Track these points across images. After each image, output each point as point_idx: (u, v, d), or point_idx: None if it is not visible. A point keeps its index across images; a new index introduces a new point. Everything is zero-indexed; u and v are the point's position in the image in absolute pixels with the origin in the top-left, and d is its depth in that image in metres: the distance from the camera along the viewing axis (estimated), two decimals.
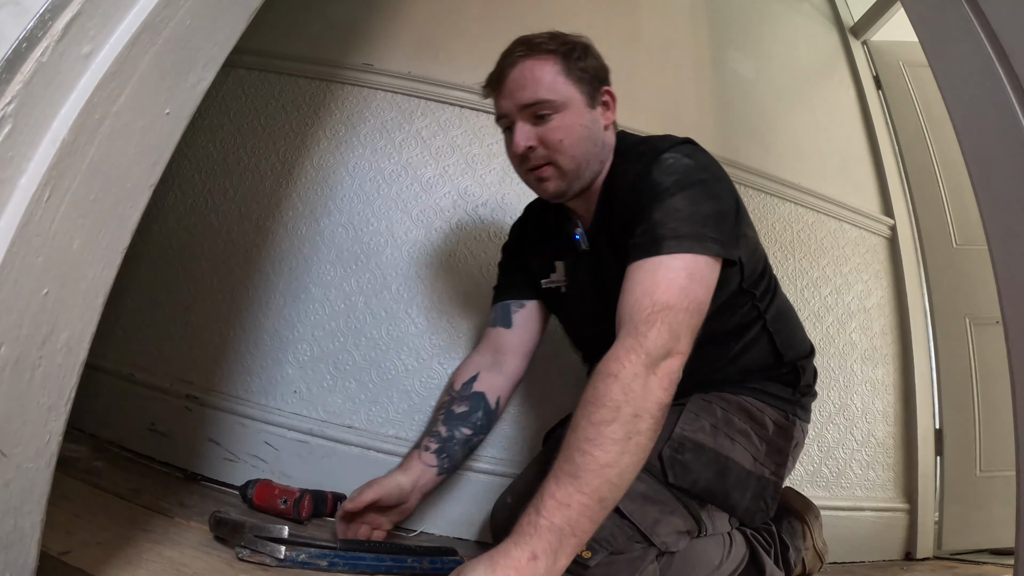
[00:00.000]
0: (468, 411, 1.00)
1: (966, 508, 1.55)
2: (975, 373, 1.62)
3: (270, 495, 1.03)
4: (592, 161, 0.89)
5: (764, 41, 1.77)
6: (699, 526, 0.86)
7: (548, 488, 0.64)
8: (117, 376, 1.27)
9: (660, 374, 0.68)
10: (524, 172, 0.91)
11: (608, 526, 0.78)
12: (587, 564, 0.77)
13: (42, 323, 0.50)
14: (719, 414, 0.91)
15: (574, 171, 0.87)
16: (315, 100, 1.43)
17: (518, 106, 0.86)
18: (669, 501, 0.83)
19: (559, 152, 0.86)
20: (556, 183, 0.88)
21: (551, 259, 1.02)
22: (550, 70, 0.86)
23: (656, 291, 0.72)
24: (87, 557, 0.64)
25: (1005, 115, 0.61)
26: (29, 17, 0.47)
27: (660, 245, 0.75)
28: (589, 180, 0.90)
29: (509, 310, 1.06)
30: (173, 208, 1.39)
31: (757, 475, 0.91)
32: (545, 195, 0.92)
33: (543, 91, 0.85)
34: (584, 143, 0.87)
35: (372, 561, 0.82)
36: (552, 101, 0.85)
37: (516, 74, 0.86)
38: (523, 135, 0.86)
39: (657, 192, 0.79)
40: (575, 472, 0.64)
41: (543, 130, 0.85)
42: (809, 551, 1.07)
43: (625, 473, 0.65)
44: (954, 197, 1.76)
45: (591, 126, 0.88)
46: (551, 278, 1.02)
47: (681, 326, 0.71)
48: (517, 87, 0.86)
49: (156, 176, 0.60)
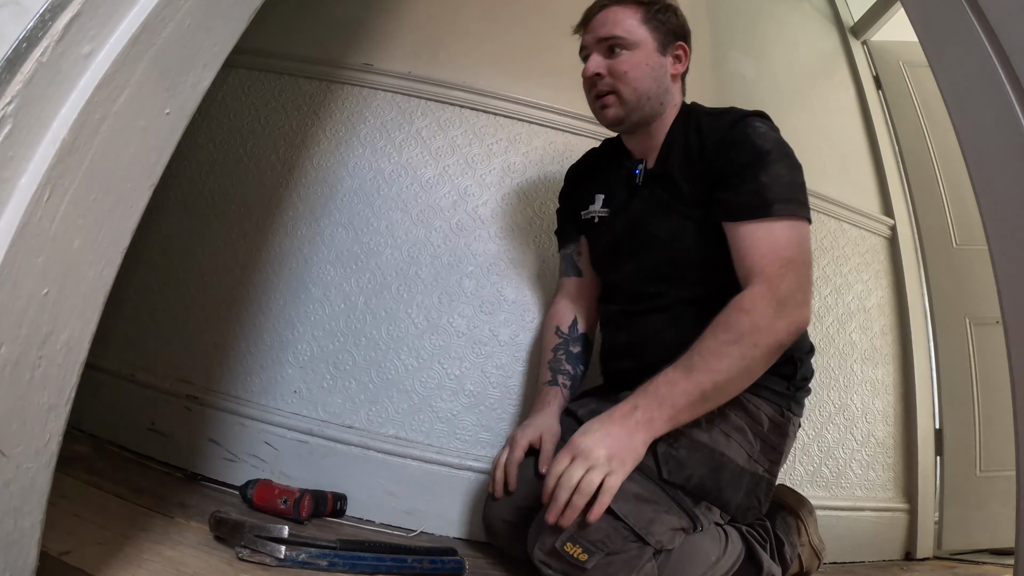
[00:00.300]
0: (582, 351, 1.14)
1: (966, 508, 1.55)
2: (975, 373, 1.62)
3: (270, 495, 1.03)
4: (652, 99, 1.00)
5: (764, 41, 1.77)
6: (694, 523, 0.86)
7: (664, 370, 0.82)
8: (117, 376, 1.27)
9: (788, 319, 0.82)
10: (592, 98, 1.03)
11: (603, 528, 0.78)
12: (584, 566, 0.77)
13: (42, 323, 0.50)
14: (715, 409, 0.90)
15: (634, 102, 0.99)
16: (315, 100, 1.43)
17: (595, 39, 1.00)
18: (663, 500, 0.83)
19: (622, 82, 0.98)
20: (615, 110, 1.00)
21: (593, 192, 1.13)
22: (628, 13, 0.99)
23: (779, 249, 0.85)
24: (87, 557, 0.64)
25: (1005, 115, 0.61)
26: (29, 17, 0.47)
27: (770, 207, 0.86)
28: (647, 116, 1.01)
29: (573, 260, 1.18)
30: (173, 208, 1.39)
31: (751, 472, 0.91)
32: (604, 120, 1.03)
33: (618, 29, 0.98)
34: (647, 80, 0.99)
35: (372, 561, 0.82)
36: (624, 39, 0.98)
37: (600, 16, 1.01)
38: (594, 63, 1.00)
39: (759, 154, 0.89)
40: (690, 367, 0.81)
41: (613, 62, 0.98)
42: (805, 547, 1.07)
43: (730, 384, 0.82)
44: (954, 197, 1.75)
45: (657, 69, 1.00)
46: (589, 209, 1.12)
47: (805, 278, 0.85)
48: (598, 24, 1.01)
49: (156, 176, 0.60)
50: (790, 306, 0.82)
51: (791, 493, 1.14)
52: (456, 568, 0.89)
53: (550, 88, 1.44)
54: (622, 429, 0.80)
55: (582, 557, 0.77)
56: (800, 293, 0.84)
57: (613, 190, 1.09)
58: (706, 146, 0.95)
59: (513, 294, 1.33)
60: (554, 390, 1.08)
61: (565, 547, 0.77)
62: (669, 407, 0.80)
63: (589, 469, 0.77)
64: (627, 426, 0.80)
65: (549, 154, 1.42)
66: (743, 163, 0.89)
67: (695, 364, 0.81)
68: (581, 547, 0.77)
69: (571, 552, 0.77)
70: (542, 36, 1.49)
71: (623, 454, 0.78)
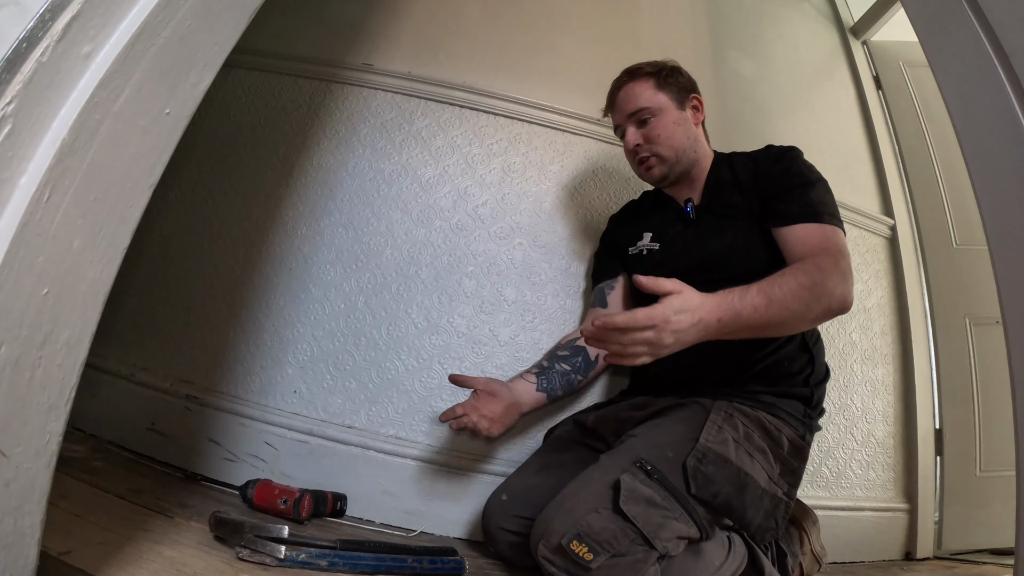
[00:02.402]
0: (569, 355, 1.17)
1: (966, 508, 1.55)
2: (975, 373, 1.62)
3: (270, 495, 1.03)
4: (687, 150, 1.13)
5: (764, 41, 1.77)
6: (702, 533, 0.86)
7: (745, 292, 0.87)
8: (117, 376, 1.27)
9: (844, 290, 0.91)
10: (636, 165, 1.16)
11: (611, 528, 0.78)
12: (589, 566, 0.77)
13: (42, 323, 0.50)
14: (741, 429, 0.92)
15: (673, 158, 1.12)
16: (315, 100, 1.43)
17: (626, 116, 1.14)
18: (674, 507, 0.83)
19: (658, 144, 1.11)
20: (659, 168, 1.13)
21: (641, 231, 1.21)
22: (645, 86, 1.13)
23: (830, 243, 0.96)
24: (87, 557, 0.64)
25: (1005, 115, 0.61)
26: (29, 17, 0.47)
27: (820, 216, 0.99)
28: (687, 166, 1.14)
29: (604, 292, 1.23)
30: (173, 208, 1.39)
31: (771, 494, 0.91)
32: (652, 180, 1.16)
33: (642, 101, 1.12)
34: (678, 136, 1.12)
35: (372, 561, 0.82)
36: (649, 108, 1.12)
37: (622, 95, 1.15)
38: (632, 136, 1.13)
39: (806, 179, 1.04)
40: (770, 294, 0.87)
41: (646, 131, 1.12)
42: (807, 556, 1.07)
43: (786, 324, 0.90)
44: (954, 197, 1.75)
45: (682, 123, 1.13)
46: (637, 245, 1.20)
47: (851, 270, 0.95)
48: (623, 102, 1.15)
49: (156, 176, 0.60)
50: (849, 281, 0.92)
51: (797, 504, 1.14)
52: (456, 568, 0.89)
53: (550, 88, 1.44)
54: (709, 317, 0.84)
55: (588, 556, 0.77)
56: (851, 278, 0.93)
57: (663, 227, 1.18)
58: (759, 168, 1.08)
59: (513, 294, 1.33)
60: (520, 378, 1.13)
61: (571, 545, 0.77)
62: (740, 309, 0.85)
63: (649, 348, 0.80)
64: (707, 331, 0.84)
65: (549, 154, 1.42)
66: (795, 183, 1.03)
67: (773, 294, 0.87)
68: (587, 546, 0.77)
69: (577, 551, 0.77)
70: (542, 36, 1.49)
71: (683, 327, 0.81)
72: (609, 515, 0.79)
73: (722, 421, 0.92)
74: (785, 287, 0.88)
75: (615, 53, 1.52)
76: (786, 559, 1.00)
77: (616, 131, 1.19)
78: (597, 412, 1.12)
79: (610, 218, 1.33)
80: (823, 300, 0.89)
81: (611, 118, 1.20)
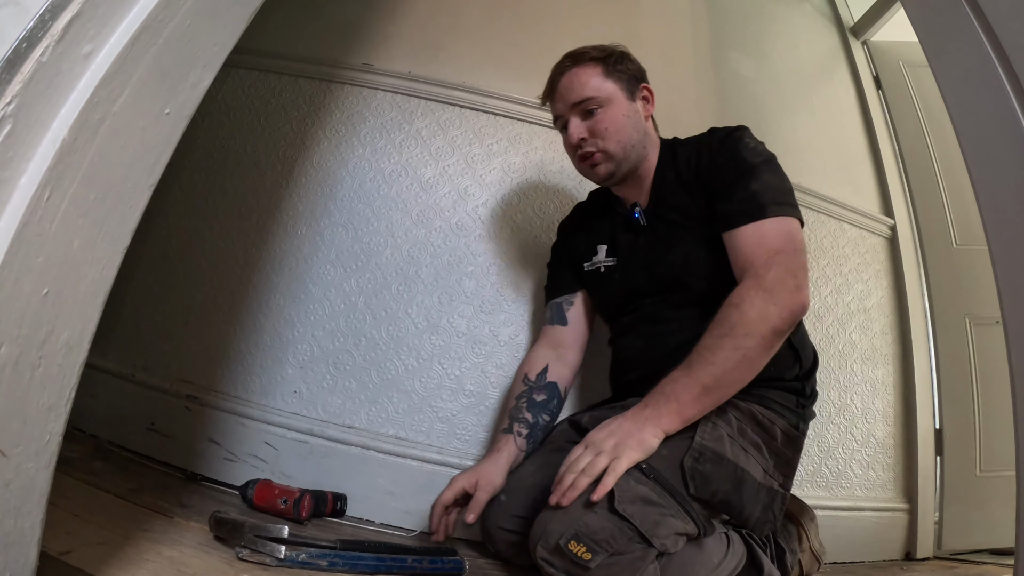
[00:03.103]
0: (547, 399, 1.11)
1: (966, 508, 1.55)
2: (975, 373, 1.62)
3: (270, 495, 1.03)
4: (636, 146, 1.03)
5: (764, 41, 1.77)
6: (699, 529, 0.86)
7: (670, 373, 0.86)
8: (117, 376, 1.27)
9: (780, 304, 0.85)
10: (579, 161, 1.06)
11: (608, 527, 0.78)
12: (588, 566, 0.77)
13: (42, 323, 0.50)
14: (734, 423, 0.91)
15: (621, 155, 1.02)
16: (315, 100, 1.43)
17: (569, 106, 1.02)
18: (670, 504, 0.83)
19: (606, 139, 1.01)
20: (605, 166, 1.03)
21: (594, 244, 1.13)
22: (592, 72, 1.01)
23: (766, 241, 0.89)
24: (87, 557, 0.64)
25: (1005, 115, 0.61)
26: (29, 17, 0.47)
27: (765, 209, 0.91)
28: (635, 163, 1.04)
29: (562, 308, 1.17)
30: (173, 208, 1.39)
31: (767, 487, 0.91)
32: (597, 178, 1.06)
33: (587, 90, 1.00)
34: (627, 130, 1.02)
35: (372, 561, 0.82)
36: (596, 98, 1.00)
37: (565, 81, 1.03)
38: (576, 128, 1.02)
39: (751, 168, 0.94)
40: (690, 364, 0.85)
41: (592, 123, 1.01)
42: (806, 553, 1.07)
43: (729, 375, 0.85)
44: (954, 197, 1.75)
45: (632, 116, 1.03)
46: (592, 260, 1.13)
47: (795, 265, 0.88)
48: (567, 90, 1.02)
49: (156, 176, 0.60)
50: (779, 292, 0.85)
51: (793, 500, 1.13)
52: (456, 568, 0.89)
53: None
54: (632, 423, 0.85)
55: (586, 556, 0.77)
56: (790, 279, 0.86)
57: (615, 238, 1.10)
58: (701, 162, 0.99)
59: (513, 294, 1.33)
60: (507, 438, 1.05)
61: (569, 545, 0.77)
62: (675, 402, 0.85)
63: (597, 455, 0.82)
64: (637, 421, 0.85)
65: (549, 154, 1.42)
66: (736, 175, 0.94)
67: (693, 361, 0.85)
68: (585, 546, 0.77)
69: (575, 550, 0.77)
70: (542, 36, 1.49)
71: (630, 442, 0.83)
72: (606, 514, 0.79)
73: (716, 416, 0.91)
74: (702, 348, 0.85)
75: None
76: (785, 556, 1.00)
77: (556, 122, 1.07)
78: (591, 412, 1.11)
79: (559, 226, 1.25)
80: (754, 332, 0.84)
81: (550, 107, 1.08)
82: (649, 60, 1.13)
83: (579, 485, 0.80)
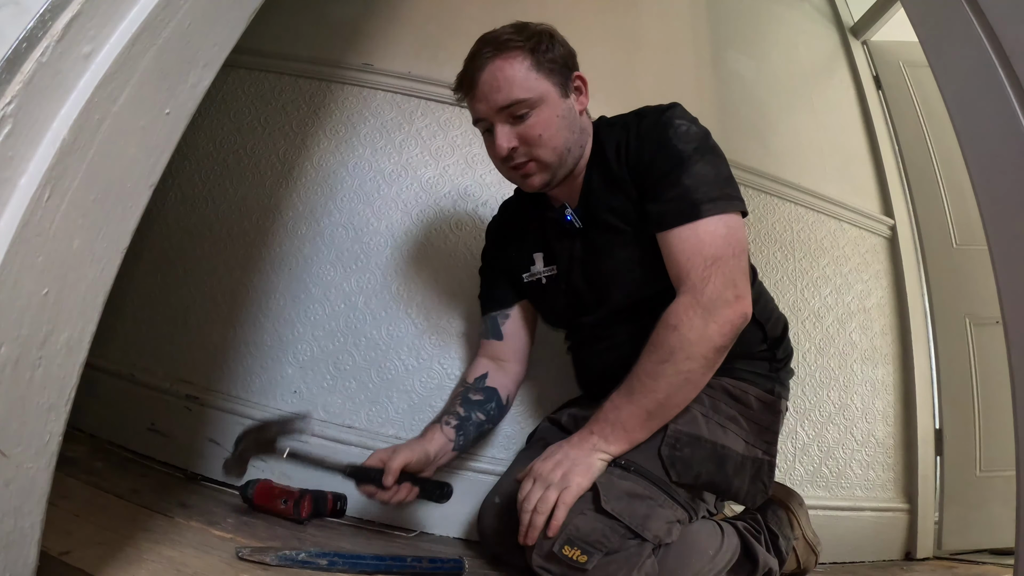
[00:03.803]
0: (483, 400, 1.06)
1: (966, 508, 1.55)
2: (975, 373, 1.62)
3: (270, 495, 1.03)
4: (573, 148, 0.92)
5: (764, 41, 1.77)
6: (689, 513, 0.86)
7: (611, 396, 0.84)
8: (117, 376, 1.27)
9: (720, 322, 0.80)
10: (508, 170, 0.94)
11: (600, 528, 0.78)
12: (584, 567, 0.77)
13: (42, 323, 0.50)
14: (706, 402, 0.90)
15: (556, 162, 0.91)
16: (315, 100, 1.43)
17: (495, 109, 0.87)
18: (657, 494, 0.83)
19: (540, 147, 0.88)
20: (540, 176, 0.92)
21: (530, 252, 1.05)
22: (520, 67, 0.86)
23: (703, 248, 0.82)
24: (87, 557, 0.64)
25: (1005, 115, 0.61)
26: (29, 17, 0.47)
27: (698, 208, 0.82)
28: (572, 166, 0.94)
29: (497, 323, 1.10)
30: (173, 208, 1.38)
31: (752, 457, 0.91)
32: (530, 189, 0.95)
33: (517, 91, 0.86)
34: (563, 133, 0.90)
35: (372, 560, 0.82)
36: (527, 99, 0.86)
37: (487, 76, 0.86)
38: (504, 137, 0.87)
39: (682, 158, 0.85)
40: (631, 391, 0.83)
41: (522, 129, 0.87)
42: (800, 541, 1.07)
43: (672, 399, 0.83)
44: (954, 197, 1.75)
45: (567, 115, 0.90)
46: (531, 271, 1.05)
47: (734, 271, 0.82)
48: (491, 89, 0.86)
49: (156, 176, 0.60)
50: (719, 308, 0.80)
51: (780, 487, 1.14)
52: (456, 568, 0.89)
53: None
54: (579, 451, 0.83)
55: (581, 559, 0.77)
56: (729, 290, 0.81)
57: (551, 245, 1.02)
58: (629, 154, 0.89)
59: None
60: (434, 427, 1.00)
61: (563, 550, 0.77)
62: (621, 429, 0.83)
63: (546, 489, 0.80)
64: (583, 448, 0.84)
65: None
66: (665, 170, 0.85)
67: (634, 387, 0.83)
68: (579, 549, 0.77)
69: (570, 555, 0.77)
70: None
71: (577, 470, 0.81)
72: (593, 515, 0.79)
73: None
74: (642, 374, 0.82)
75: (615, 54, 1.52)
76: (779, 541, 1.00)
77: (478, 124, 0.92)
78: (569, 410, 1.10)
79: (488, 228, 1.16)
80: (695, 353, 0.80)
81: (468, 104, 0.92)
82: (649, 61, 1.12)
83: (537, 524, 0.79)
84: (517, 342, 1.11)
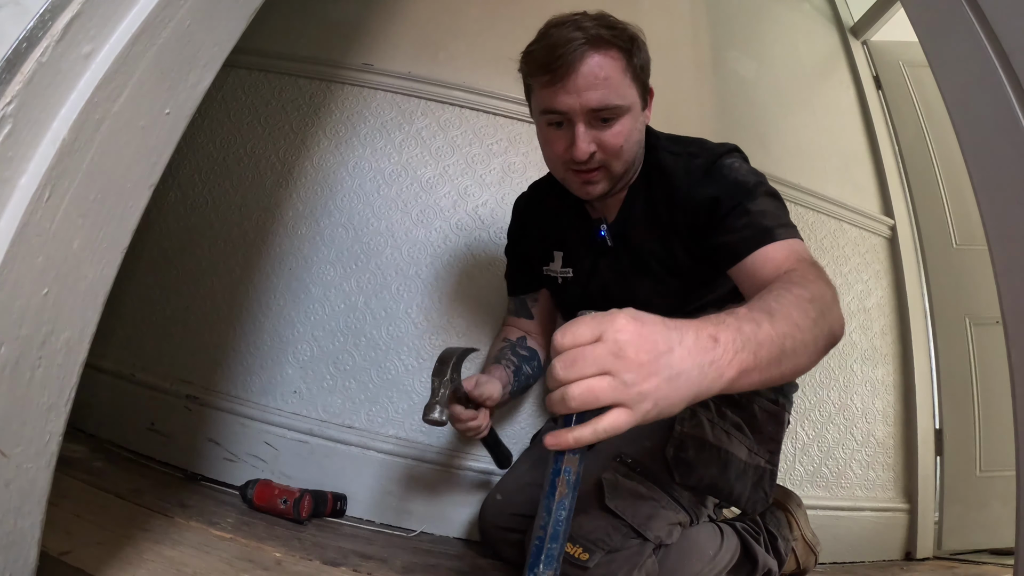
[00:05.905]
0: (529, 356, 1.08)
1: (966, 508, 1.55)
2: (975, 373, 1.62)
3: (270, 495, 1.03)
4: (636, 163, 0.89)
5: (764, 41, 1.77)
6: (690, 516, 0.87)
7: (738, 310, 0.57)
8: (117, 376, 1.27)
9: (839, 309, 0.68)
10: (570, 172, 0.86)
11: (603, 526, 0.78)
12: (586, 565, 0.77)
13: (42, 323, 0.50)
14: (712, 407, 0.91)
15: (621, 174, 0.86)
16: (315, 100, 1.42)
17: (585, 107, 0.79)
18: (660, 496, 0.84)
19: (616, 157, 0.83)
20: (603, 185, 0.86)
21: (550, 248, 1.03)
22: (618, 68, 0.80)
23: (800, 252, 0.76)
24: (87, 557, 0.64)
25: (1005, 115, 0.61)
26: (29, 17, 0.47)
27: (772, 233, 0.77)
28: (628, 181, 0.90)
29: (526, 304, 1.13)
30: (173, 208, 1.38)
31: (754, 465, 0.92)
32: (588, 197, 0.89)
33: (614, 96, 0.79)
34: (635, 147, 0.86)
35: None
36: (620, 106, 0.80)
37: (586, 70, 0.78)
38: (585, 139, 0.80)
39: (745, 191, 0.81)
40: (771, 312, 0.58)
41: (604, 135, 0.81)
42: (799, 542, 1.07)
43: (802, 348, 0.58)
44: (954, 197, 1.75)
45: (641, 131, 0.87)
46: (550, 267, 1.05)
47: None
48: (588, 86, 0.78)
49: (156, 176, 0.60)
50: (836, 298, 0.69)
51: (778, 489, 1.14)
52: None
53: None
54: (691, 356, 0.50)
55: (583, 557, 0.77)
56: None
57: (574, 250, 1.00)
58: (677, 196, 0.86)
59: None
60: (495, 366, 1.01)
61: (565, 548, 0.77)
62: (751, 353, 0.53)
63: (604, 374, 0.47)
64: (699, 361, 0.50)
65: None
66: (732, 205, 0.81)
67: (775, 310, 0.58)
68: (581, 547, 0.77)
69: (572, 552, 0.77)
70: None
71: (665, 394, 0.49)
72: (597, 513, 0.79)
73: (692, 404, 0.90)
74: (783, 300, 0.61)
75: None
76: (777, 542, 1.01)
77: (545, 114, 0.83)
78: None
79: (515, 203, 1.13)
80: (827, 315, 0.64)
81: (542, 91, 0.82)
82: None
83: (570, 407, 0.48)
84: (546, 320, 1.13)
